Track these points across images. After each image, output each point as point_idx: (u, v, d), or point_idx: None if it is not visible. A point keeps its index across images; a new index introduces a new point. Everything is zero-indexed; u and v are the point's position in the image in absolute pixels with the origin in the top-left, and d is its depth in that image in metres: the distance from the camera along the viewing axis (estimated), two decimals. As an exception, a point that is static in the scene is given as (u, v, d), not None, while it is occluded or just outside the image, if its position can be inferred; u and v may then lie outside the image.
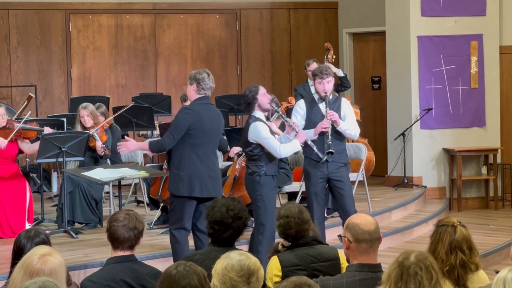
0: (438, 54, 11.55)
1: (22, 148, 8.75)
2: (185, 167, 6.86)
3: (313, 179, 7.65)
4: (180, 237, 6.93)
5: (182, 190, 6.87)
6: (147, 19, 12.84)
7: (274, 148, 7.16)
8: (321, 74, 7.61)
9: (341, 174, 7.67)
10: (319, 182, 7.64)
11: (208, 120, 6.93)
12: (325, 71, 7.64)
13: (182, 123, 6.87)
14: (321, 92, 7.65)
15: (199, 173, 6.87)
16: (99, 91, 12.46)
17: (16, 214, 8.51)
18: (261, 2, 13.34)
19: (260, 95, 7.31)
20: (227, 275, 3.67)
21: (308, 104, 7.75)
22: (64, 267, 3.84)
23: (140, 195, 10.47)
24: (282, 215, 5.08)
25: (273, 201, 7.29)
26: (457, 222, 4.30)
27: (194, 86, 6.96)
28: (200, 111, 6.91)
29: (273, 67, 13.41)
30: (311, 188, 7.66)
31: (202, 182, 6.87)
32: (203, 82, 6.93)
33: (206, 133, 6.91)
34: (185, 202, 6.89)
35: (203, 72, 6.99)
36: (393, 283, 3.62)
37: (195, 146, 6.87)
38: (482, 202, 11.86)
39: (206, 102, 7.02)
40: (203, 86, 6.94)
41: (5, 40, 12.22)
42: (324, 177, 7.64)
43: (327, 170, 7.61)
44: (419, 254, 3.68)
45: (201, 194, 6.88)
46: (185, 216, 6.91)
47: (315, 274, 4.77)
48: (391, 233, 9.37)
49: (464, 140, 11.66)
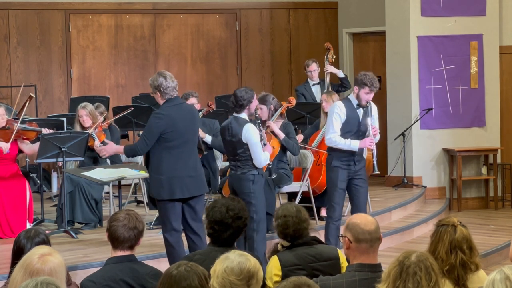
0: (438, 54, 11.55)
1: (22, 149, 8.75)
2: (164, 170, 6.81)
3: (343, 176, 7.72)
4: (173, 240, 6.90)
5: (163, 193, 6.83)
6: (147, 19, 12.84)
7: (259, 156, 7.34)
8: (372, 87, 7.66)
9: (363, 173, 7.85)
10: (346, 179, 7.75)
11: (181, 121, 6.84)
12: (375, 84, 7.71)
13: (154, 129, 6.80)
14: (364, 101, 7.71)
15: (179, 174, 6.82)
16: (99, 91, 12.46)
17: (16, 214, 8.51)
18: (261, 2, 13.33)
19: (254, 100, 7.44)
20: (227, 278, 3.66)
21: (347, 108, 7.75)
22: (64, 267, 3.84)
23: (140, 195, 10.47)
24: (280, 215, 5.08)
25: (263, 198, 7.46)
26: (458, 222, 4.31)
27: (158, 94, 6.87)
28: (171, 113, 6.81)
29: (273, 67, 13.40)
30: (339, 184, 7.72)
31: (183, 183, 6.82)
32: (162, 87, 6.81)
33: (181, 135, 6.83)
34: (168, 205, 6.86)
35: (158, 77, 6.83)
36: (391, 281, 3.62)
37: (171, 149, 6.81)
38: (482, 202, 11.86)
39: (177, 102, 6.91)
40: (165, 91, 6.82)
41: (5, 40, 12.22)
42: (349, 176, 7.75)
43: (354, 168, 7.73)
44: (420, 254, 3.68)
45: (182, 195, 6.85)
46: (172, 217, 6.87)
47: (315, 273, 4.77)
48: (391, 233, 9.37)
49: (464, 140, 11.66)
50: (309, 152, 9.13)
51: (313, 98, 10.56)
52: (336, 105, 7.83)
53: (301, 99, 10.55)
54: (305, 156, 9.10)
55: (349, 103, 7.77)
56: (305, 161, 9.08)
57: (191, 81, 12.92)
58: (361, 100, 7.72)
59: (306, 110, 10.04)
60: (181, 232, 7.00)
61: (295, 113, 9.98)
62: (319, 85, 10.68)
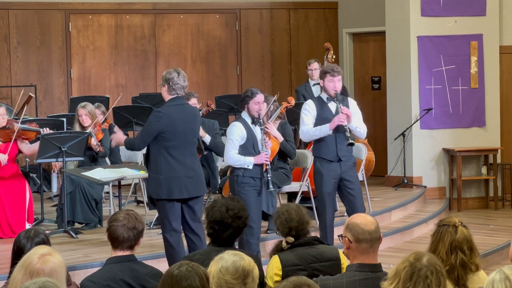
0: (438, 54, 11.55)
1: (22, 149, 8.76)
2: (162, 170, 6.81)
3: (326, 179, 7.59)
4: (172, 240, 6.88)
5: (161, 193, 6.83)
6: (147, 19, 12.84)
7: (226, 152, 7.30)
8: (332, 72, 7.53)
9: (352, 174, 7.68)
10: (332, 182, 7.60)
11: (180, 121, 6.82)
12: (336, 68, 7.58)
13: (152, 128, 6.81)
14: (331, 90, 7.57)
15: (177, 174, 6.80)
16: (99, 91, 12.45)
17: (16, 214, 8.51)
18: (261, 2, 13.33)
19: (253, 101, 7.32)
20: (223, 278, 3.66)
21: (317, 103, 7.68)
22: (64, 267, 3.84)
23: (140, 195, 10.47)
24: (281, 211, 5.07)
25: (252, 202, 7.20)
26: (458, 222, 4.30)
27: (165, 87, 6.86)
28: (171, 113, 6.80)
29: (273, 67, 13.40)
30: (324, 188, 7.59)
31: (181, 183, 6.81)
32: (172, 82, 6.81)
33: (179, 135, 6.82)
34: (166, 205, 6.85)
35: (173, 71, 6.87)
36: (401, 282, 3.61)
37: (170, 148, 6.80)
38: (482, 202, 11.86)
39: (179, 102, 6.90)
40: (173, 86, 6.82)
41: (5, 40, 12.22)
42: (336, 177, 7.60)
43: (340, 170, 7.59)
44: (431, 258, 3.67)
45: (181, 196, 6.83)
46: (171, 217, 6.86)
47: (315, 274, 4.77)
48: (391, 233, 9.37)
49: (464, 140, 11.66)
50: (309, 152, 9.13)
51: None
52: (305, 103, 7.80)
53: (302, 99, 10.54)
54: (305, 156, 9.10)
55: (318, 100, 7.71)
56: (305, 161, 9.08)
57: (191, 81, 12.89)
58: (328, 90, 7.58)
59: (306, 110, 10.04)
60: (181, 232, 6.98)
61: (295, 113, 9.98)
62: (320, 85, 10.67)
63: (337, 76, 7.54)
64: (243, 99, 7.36)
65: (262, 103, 7.39)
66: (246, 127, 7.32)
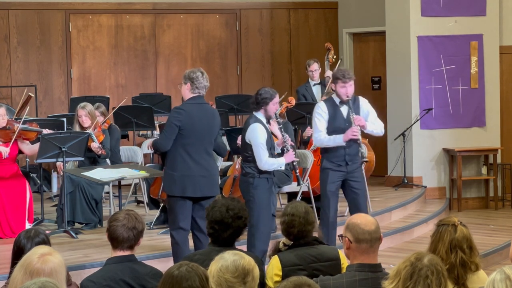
0: (438, 54, 11.55)
1: (22, 149, 8.75)
2: (178, 167, 6.88)
3: (333, 178, 7.64)
4: (179, 238, 6.91)
5: (175, 190, 6.88)
6: (147, 19, 12.84)
7: (260, 158, 7.14)
8: (343, 78, 7.55)
9: (358, 174, 7.74)
10: (337, 181, 7.66)
11: (199, 120, 6.89)
12: (347, 74, 7.59)
13: (173, 123, 6.89)
14: (343, 96, 7.59)
15: (192, 173, 6.86)
16: (99, 91, 12.46)
17: (16, 214, 8.51)
18: (261, 2, 13.33)
19: (273, 102, 7.30)
20: (223, 276, 3.66)
21: (329, 106, 7.69)
22: (64, 267, 3.83)
23: (140, 195, 10.47)
24: (287, 213, 5.07)
25: (266, 203, 7.21)
26: (458, 222, 4.31)
27: (188, 85, 6.93)
28: (191, 110, 6.89)
29: (273, 67, 13.41)
30: (330, 187, 7.64)
31: (195, 182, 6.86)
32: (197, 81, 6.90)
33: (197, 133, 6.88)
34: (179, 202, 6.89)
35: (197, 71, 6.96)
36: (401, 281, 3.61)
37: (186, 146, 6.87)
38: (482, 202, 11.86)
39: (200, 101, 6.97)
40: (197, 85, 6.91)
41: (5, 40, 12.22)
42: (342, 177, 7.66)
43: (347, 170, 7.64)
44: (432, 258, 3.67)
45: (194, 194, 6.88)
46: (181, 216, 6.90)
47: (315, 274, 4.76)
48: (391, 233, 9.36)
49: (464, 140, 11.66)
50: (309, 152, 9.14)
51: (314, 98, 10.56)
52: (317, 106, 7.79)
53: (302, 100, 10.55)
54: (305, 156, 9.10)
55: (331, 102, 7.70)
56: (305, 161, 9.08)
57: (191, 81, 12.91)
58: (340, 95, 7.61)
59: (306, 110, 10.03)
60: (188, 231, 7.01)
61: (295, 113, 9.99)
62: (320, 85, 10.68)
63: (349, 82, 7.59)
64: (262, 100, 7.26)
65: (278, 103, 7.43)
66: (266, 128, 7.30)
